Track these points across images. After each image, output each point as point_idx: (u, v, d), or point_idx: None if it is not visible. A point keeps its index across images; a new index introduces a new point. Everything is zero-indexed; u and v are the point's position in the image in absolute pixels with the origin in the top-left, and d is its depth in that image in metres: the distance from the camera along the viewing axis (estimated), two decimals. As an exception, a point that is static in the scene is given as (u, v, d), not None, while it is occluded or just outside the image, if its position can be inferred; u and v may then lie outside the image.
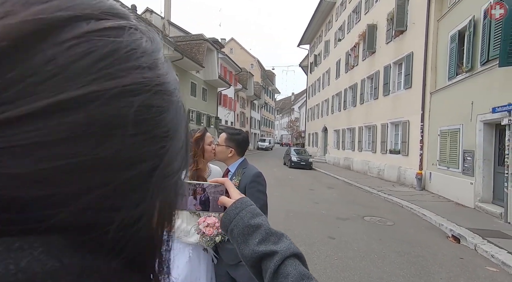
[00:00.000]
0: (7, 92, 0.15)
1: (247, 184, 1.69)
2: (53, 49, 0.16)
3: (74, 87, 0.16)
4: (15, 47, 0.15)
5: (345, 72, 18.40)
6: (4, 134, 0.15)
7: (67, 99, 0.16)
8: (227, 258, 1.70)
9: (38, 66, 0.16)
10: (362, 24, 15.55)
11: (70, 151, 0.16)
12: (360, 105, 15.77)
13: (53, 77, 0.16)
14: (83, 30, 0.17)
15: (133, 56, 0.19)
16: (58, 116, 0.16)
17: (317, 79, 26.21)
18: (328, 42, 22.67)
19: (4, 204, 0.15)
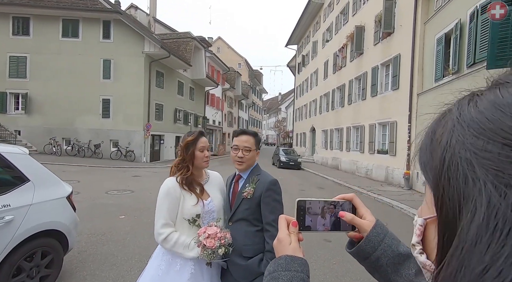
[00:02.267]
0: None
1: (263, 192, 1.54)
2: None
3: None
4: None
5: (333, 73, 18.56)
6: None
7: None
8: (238, 275, 1.53)
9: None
10: (350, 26, 15.71)
11: None
12: (348, 106, 15.94)
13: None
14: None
15: None
16: None
17: (305, 80, 26.34)
18: (316, 43, 22.82)
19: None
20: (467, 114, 0.21)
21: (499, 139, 0.18)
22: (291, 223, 0.55)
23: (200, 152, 1.64)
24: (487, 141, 0.19)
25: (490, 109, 0.20)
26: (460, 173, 0.21)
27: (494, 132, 0.19)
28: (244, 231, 1.56)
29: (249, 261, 1.52)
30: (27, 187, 2.39)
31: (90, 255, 3.50)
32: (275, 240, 0.56)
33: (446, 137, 0.23)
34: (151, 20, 21.69)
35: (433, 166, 0.24)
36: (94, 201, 6.30)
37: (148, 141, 16.13)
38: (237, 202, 1.59)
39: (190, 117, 21.61)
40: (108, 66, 15.69)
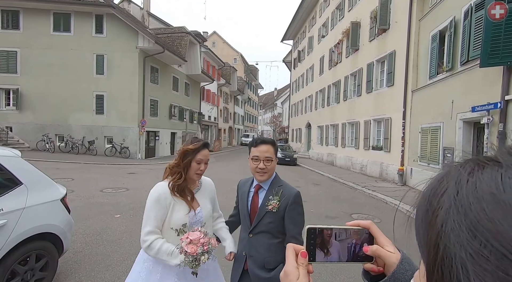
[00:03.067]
0: None
1: (288, 205, 1.53)
2: None
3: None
4: None
5: (328, 69, 18.54)
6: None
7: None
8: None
9: None
10: (345, 21, 15.66)
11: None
12: (343, 102, 15.99)
13: None
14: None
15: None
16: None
17: (301, 75, 26.29)
18: (312, 38, 22.73)
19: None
20: (465, 197, 0.20)
21: (498, 246, 0.17)
22: (300, 254, 0.50)
23: (197, 163, 1.58)
24: (485, 244, 0.18)
25: (489, 202, 0.19)
26: (454, 275, 0.20)
27: (492, 236, 0.18)
28: (267, 244, 1.56)
29: (272, 273, 1.52)
30: (20, 190, 2.37)
31: (85, 256, 3.50)
32: (282, 272, 0.51)
33: (441, 218, 0.21)
34: (144, 14, 21.31)
35: (427, 247, 0.23)
36: (89, 199, 6.26)
37: (143, 137, 16.01)
38: (260, 215, 1.56)
39: (185, 113, 21.47)
40: (101, 61, 15.42)
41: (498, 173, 0.21)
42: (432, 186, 0.26)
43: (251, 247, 1.61)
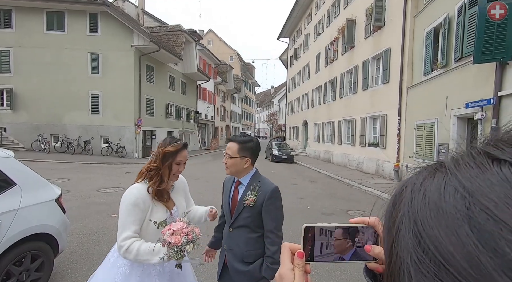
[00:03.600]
0: None
1: (265, 200, 1.57)
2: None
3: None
4: None
5: (324, 66, 18.57)
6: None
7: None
8: (240, 281, 1.57)
9: None
10: (341, 19, 15.67)
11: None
12: (339, 99, 16.04)
13: None
14: None
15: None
16: None
17: (297, 73, 26.30)
18: (308, 36, 22.71)
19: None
20: (415, 205, 0.21)
21: (436, 254, 0.18)
22: (297, 254, 0.46)
23: (177, 164, 1.55)
24: (426, 251, 0.19)
25: (432, 210, 0.20)
26: (401, 276, 0.21)
27: (432, 243, 0.18)
28: (245, 238, 1.60)
29: (250, 267, 1.56)
30: (14, 191, 2.36)
31: (82, 256, 3.49)
32: (277, 274, 0.48)
33: (397, 224, 0.22)
34: (139, 13, 21.12)
35: (386, 251, 0.24)
36: (85, 199, 6.24)
37: (140, 136, 15.94)
38: (238, 210, 1.61)
39: (182, 112, 21.40)
40: (96, 60, 15.29)
41: (443, 181, 0.21)
42: (396, 192, 0.27)
43: (231, 241, 1.65)
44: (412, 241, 0.20)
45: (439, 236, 0.18)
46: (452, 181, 0.21)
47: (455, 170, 0.21)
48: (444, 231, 0.18)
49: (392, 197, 0.27)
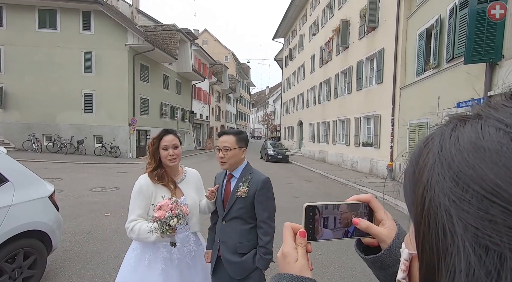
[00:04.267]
0: None
1: (257, 190, 1.60)
2: None
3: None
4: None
5: (319, 67, 18.69)
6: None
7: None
8: (234, 272, 1.59)
9: None
10: (335, 20, 15.80)
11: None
12: (334, 100, 16.17)
13: None
14: None
15: None
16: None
17: (292, 73, 26.41)
18: (303, 36, 22.84)
19: None
20: (448, 151, 0.21)
21: (478, 189, 0.18)
22: (299, 233, 0.47)
23: (164, 150, 1.63)
24: (466, 189, 0.19)
25: (470, 151, 0.20)
26: (439, 222, 0.20)
27: (473, 181, 0.18)
28: (238, 229, 1.61)
29: (243, 258, 1.58)
30: (6, 188, 2.33)
31: (76, 254, 3.46)
32: (279, 253, 0.48)
33: (427, 174, 0.22)
34: (134, 11, 20.96)
35: (414, 204, 0.24)
36: (78, 199, 6.17)
37: (134, 136, 15.81)
38: (231, 201, 1.62)
39: (176, 112, 21.29)
40: (89, 59, 15.12)
41: (479, 124, 0.22)
42: (418, 148, 0.26)
43: (224, 233, 1.66)
44: (449, 184, 0.20)
45: (482, 173, 0.18)
46: (490, 122, 0.21)
47: (492, 112, 0.21)
48: (488, 167, 0.18)
49: (414, 153, 0.26)
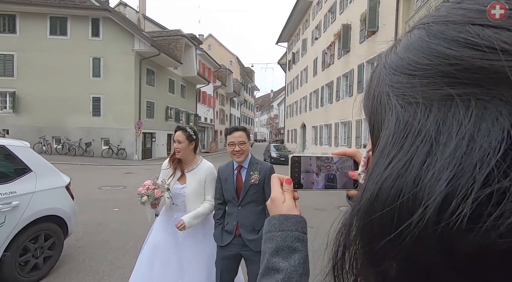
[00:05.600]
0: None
1: (266, 176, 1.90)
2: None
3: None
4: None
5: (322, 70, 18.96)
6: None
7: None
8: (254, 247, 1.88)
9: None
10: (337, 24, 16.10)
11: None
12: (336, 102, 16.38)
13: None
14: None
15: None
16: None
17: (295, 77, 26.72)
18: (306, 41, 23.18)
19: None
20: (389, 58, 0.25)
21: (406, 72, 0.22)
22: (285, 181, 0.52)
23: (174, 142, 2.09)
24: (399, 75, 0.23)
25: (402, 51, 0.24)
26: (382, 103, 0.24)
27: (403, 68, 0.22)
28: (254, 211, 1.93)
29: (258, 234, 1.89)
30: (30, 177, 2.63)
31: (88, 242, 3.75)
32: (269, 200, 0.53)
33: (375, 80, 0.26)
34: (140, 18, 21.60)
35: (367, 105, 0.28)
36: (88, 196, 6.48)
37: (140, 138, 16.22)
38: (246, 188, 1.92)
39: (181, 115, 21.70)
40: (97, 64, 15.65)
41: (409, 33, 0.25)
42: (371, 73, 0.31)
43: (241, 217, 1.95)
44: (388, 77, 0.24)
45: (407, 60, 0.22)
46: (415, 30, 0.25)
47: (412, 30, 0.25)
48: (411, 54, 0.22)
49: (369, 77, 0.31)
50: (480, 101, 0.18)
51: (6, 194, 2.40)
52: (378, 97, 0.25)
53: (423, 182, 0.18)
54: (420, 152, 0.19)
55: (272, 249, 0.49)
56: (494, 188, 0.16)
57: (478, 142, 0.17)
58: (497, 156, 0.16)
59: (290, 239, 0.49)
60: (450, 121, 0.18)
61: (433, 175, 0.18)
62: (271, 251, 0.49)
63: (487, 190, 0.16)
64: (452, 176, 0.17)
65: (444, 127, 0.18)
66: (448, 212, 0.16)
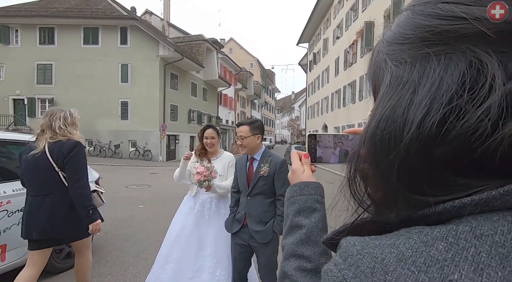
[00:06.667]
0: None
1: (276, 169, 1.91)
2: None
3: None
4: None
5: (344, 70, 18.55)
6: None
7: None
8: (260, 238, 1.91)
9: None
10: (359, 22, 15.70)
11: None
12: (359, 102, 15.93)
13: None
14: None
15: None
16: None
17: (317, 77, 26.36)
18: (327, 40, 22.82)
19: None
20: (385, 35, 0.31)
21: (397, 42, 0.29)
22: (303, 155, 0.59)
23: (205, 138, 2.33)
24: (393, 45, 0.29)
25: (394, 28, 0.30)
26: (380, 68, 0.31)
27: (395, 39, 0.29)
28: (262, 203, 1.95)
29: (265, 226, 1.91)
30: (63, 171, 2.85)
31: (115, 235, 3.98)
32: (289, 172, 0.60)
33: (375, 53, 0.33)
34: (165, 25, 22.53)
35: (370, 74, 0.34)
36: (116, 194, 6.86)
37: (164, 140, 16.84)
38: (255, 180, 1.95)
39: (203, 118, 22.23)
40: (125, 70, 16.53)
41: (401, 14, 0.31)
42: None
43: (250, 207, 1.97)
44: (385, 48, 0.31)
45: (399, 33, 0.29)
46: (405, 11, 0.31)
47: (402, 12, 0.31)
48: (401, 28, 0.29)
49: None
50: (448, 54, 0.25)
51: (43, 186, 2.62)
52: (378, 64, 0.32)
53: (409, 110, 0.25)
54: (407, 93, 0.26)
55: (295, 210, 0.56)
56: (453, 104, 0.23)
57: (445, 80, 0.24)
58: (456, 86, 0.23)
59: (310, 201, 0.56)
60: (428, 71, 0.25)
61: (415, 104, 0.25)
62: (294, 212, 0.56)
63: (450, 105, 0.23)
64: (428, 101, 0.24)
65: (424, 75, 0.25)
66: (426, 122, 0.24)
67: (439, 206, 0.24)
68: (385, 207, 0.29)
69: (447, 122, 0.23)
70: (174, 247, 2.22)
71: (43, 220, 1.90)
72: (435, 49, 0.25)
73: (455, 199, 0.24)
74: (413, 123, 0.25)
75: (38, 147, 1.92)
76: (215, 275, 2.14)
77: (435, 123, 0.24)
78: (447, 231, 0.22)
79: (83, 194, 1.95)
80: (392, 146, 0.26)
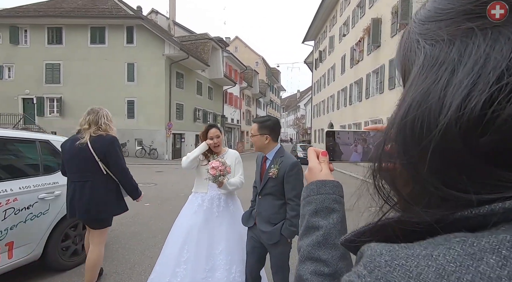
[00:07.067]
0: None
1: (286, 172, 1.81)
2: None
3: None
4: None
5: (350, 68, 18.34)
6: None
7: None
8: (266, 239, 1.86)
9: None
10: (366, 19, 15.48)
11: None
12: (365, 100, 15.74)
13: None
14: None
15: None
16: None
17: (322, 75, 26.14)
18: (333, 38, 22.59)
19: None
20: (418, 15, 0.29)
21: (433, 19, 0.26)
22: (321, 153, 0.56)
23: (210, 139, 2.32)
24: (427, 24, 0.27)
25: (430, 4, 0.27)
26: (412, 50, 0.28)
27: (431, 17, 0.26)
28: (271, 204, 1.88)
29: (273, 228, 1.85)
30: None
31: (121, 233, 4.00)
32: (306, 171, 0.56)
33: (405, 36, 0.30)
34: (170, 24, 22.59)
35: (399, 59, 0.31)
36: (123, 191, 6.90)
37: (170, 139, 16.93)
38: (265, 180, 1.90)
39: (209, 116, 22.28)
40: (131, 69, 16.65)
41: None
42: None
43: (260, 206, 1.94)
44: (417, 27, 0.28)
45: (435, 8, 0.26)
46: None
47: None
48: (437, 3, 0.27)
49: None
50: (495, 27, 0.21)
51: (50, 184, 2.65)
52: (409, 47, 0.29)
53: (446, 92, 0.22)
54: (444, 74, 0.23)
55: (312, 210, 0.53)
56: (503, 82, 0.19)
57: (492, 56, 0.20)
58: (507, 62, 0.20)
59: (328, 201, 0.52)
60: (471, 48, 0.22)
61: (455, 85, 0.22)
62: (310, 212, 0.53)
63: (499, 84, 0.19)
64: (471, 81, 0.21)
65: (465, 53, 0.22)
66: (467, 104, 0.20)
67: (484, 207, 0.20)
68: (415, 204, 0.25)
69: (494, 104, 0.20)
70: (184, 249, 2.18)
71: (85, 203, 2.22)
72: (480, 22, 0.22)
73: (504, 199, 0.19)
74: (451, 105, 0.21)
75: (81, 139, 2.28)
76: (231, 272, 2.13)
77: (479, 103, 0.20)
78: (499, 241, 0.18)
79: (130, 177, 2.43)
80: (425, 132, 0.23)
